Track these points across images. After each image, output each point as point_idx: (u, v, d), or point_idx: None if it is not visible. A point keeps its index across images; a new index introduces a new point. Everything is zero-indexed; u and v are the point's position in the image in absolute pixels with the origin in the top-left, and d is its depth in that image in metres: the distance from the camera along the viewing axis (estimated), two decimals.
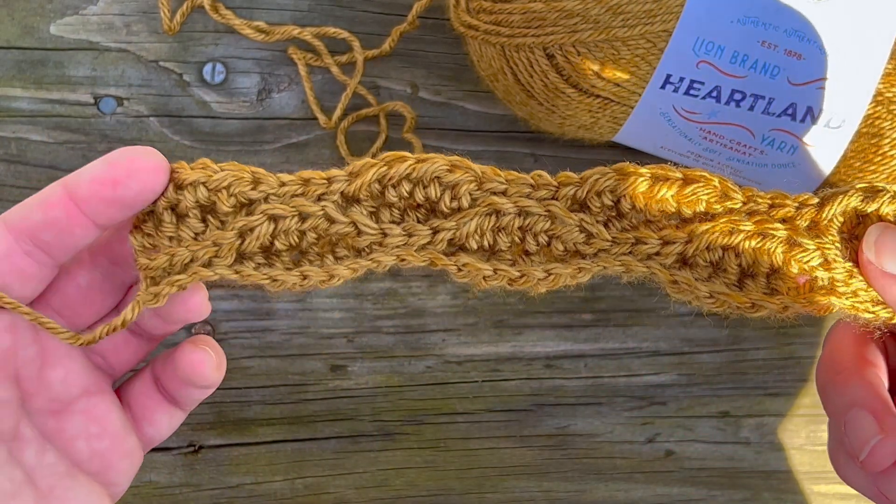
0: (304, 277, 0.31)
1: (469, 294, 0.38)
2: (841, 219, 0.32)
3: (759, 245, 0.33)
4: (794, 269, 0.33)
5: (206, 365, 0.33)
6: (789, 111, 0.45)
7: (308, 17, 0.52)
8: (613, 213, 0.33)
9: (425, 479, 0.55)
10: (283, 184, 0.31)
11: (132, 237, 0.32)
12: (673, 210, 0.33)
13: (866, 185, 0.32)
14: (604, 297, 0.55)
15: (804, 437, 0.58)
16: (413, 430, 0.55)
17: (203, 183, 0.31)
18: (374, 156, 0.53)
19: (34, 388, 0.32)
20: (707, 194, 0.32)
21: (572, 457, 0.56)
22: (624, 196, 0.33)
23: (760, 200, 0.32)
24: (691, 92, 0.45)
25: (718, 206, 0.32)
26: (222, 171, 0.31)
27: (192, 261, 0.31)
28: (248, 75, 0.51)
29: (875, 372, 0.35)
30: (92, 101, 0.50)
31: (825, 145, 0.45)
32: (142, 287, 0.31)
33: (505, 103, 0.50)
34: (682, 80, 0.44)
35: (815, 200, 0.32)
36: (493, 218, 0.32)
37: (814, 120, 0.45)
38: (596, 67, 0.43)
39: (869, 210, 0.32)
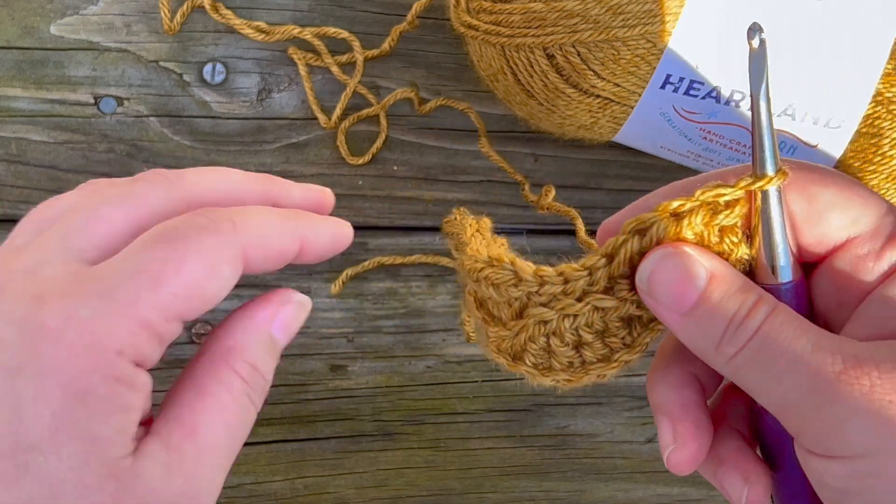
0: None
1: None
2: (628, 267, 0.30)
3: (574, 325, 0.31)
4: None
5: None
6: (789, 111, 0.45)
7: (308, 17, 0.52)
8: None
9: (425, 479, 0.55)
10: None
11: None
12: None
13: (635, 223, 0.29)
14: None
15: None
16: (413, 430, 0.55)
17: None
18: (374, 156, 0.53)
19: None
20: (504, 281, 0.30)
21: (572, 457, 0.56)
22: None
23: (553, 280, 0.30)
24: (691, 92, 0.45)
25: (516, 291, 0.30)
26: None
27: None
28: (248, 75, 0.51)
29: (685, 368, 0.32)
30: (92, 101, 0.50)
31: (825, 145, 0.45)
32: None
33: (505, 103, 0.50)
34: (681, 80, 0.44)
35: (602, 262, 0.30)
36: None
37: (814, 120, 0.45)
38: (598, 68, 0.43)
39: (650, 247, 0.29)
